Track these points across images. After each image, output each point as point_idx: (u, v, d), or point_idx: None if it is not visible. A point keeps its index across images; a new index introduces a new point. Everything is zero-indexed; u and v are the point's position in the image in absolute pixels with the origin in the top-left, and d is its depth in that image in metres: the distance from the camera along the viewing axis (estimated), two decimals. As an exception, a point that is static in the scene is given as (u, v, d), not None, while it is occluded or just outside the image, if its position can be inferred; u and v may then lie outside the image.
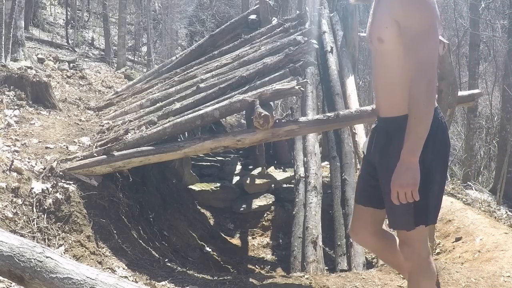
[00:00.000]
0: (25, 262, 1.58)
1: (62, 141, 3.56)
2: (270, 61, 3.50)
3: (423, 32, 1.63)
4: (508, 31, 11.76)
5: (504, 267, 2.85)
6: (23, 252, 1.60)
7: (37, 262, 1.59)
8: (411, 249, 1.78)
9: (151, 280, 2.42)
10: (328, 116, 2.84)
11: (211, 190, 5.07)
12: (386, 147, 1.77)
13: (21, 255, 1.59)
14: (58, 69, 8.54)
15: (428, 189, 1.68)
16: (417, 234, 1.75)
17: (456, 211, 4.06)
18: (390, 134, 1.76)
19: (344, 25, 5.49)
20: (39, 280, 1.58)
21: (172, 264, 2.81)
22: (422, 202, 1.67)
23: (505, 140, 10.88)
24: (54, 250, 2.38)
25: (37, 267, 1.59)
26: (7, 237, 1.64)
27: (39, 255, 1.61)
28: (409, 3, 1.63)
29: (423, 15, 1.63)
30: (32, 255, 1.60)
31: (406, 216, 1.73)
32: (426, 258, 1.80)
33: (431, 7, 1.63)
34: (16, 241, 1.63)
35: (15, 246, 1.60)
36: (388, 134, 1.77)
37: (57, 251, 2.37)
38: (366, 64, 14.75)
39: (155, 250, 2.96)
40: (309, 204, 3.71)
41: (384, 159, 1.77)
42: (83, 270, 1.61)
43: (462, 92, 2.76)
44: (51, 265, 1.60)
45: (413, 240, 1.77)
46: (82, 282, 1.57)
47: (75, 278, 1.58)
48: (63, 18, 16.56)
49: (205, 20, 17.84)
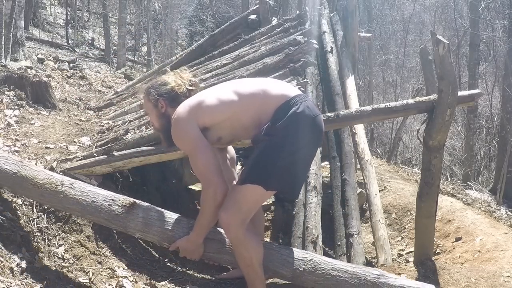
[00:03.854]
0: None
1: (62, 141, 3.56)
2: (270, 61, 3.50)
3: (190, 152, 2.09)
4: (508, 31, 11.77)
5: (504, 267, 2.85)
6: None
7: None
8: (232, 211, 2.02)
9: (151, 280, 2.42)
10: (328, 116, 2.83)
11: (211, 190, 5.05)
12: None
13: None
14: (58, 69, 8.54)
15: (276, 158, 1.99)
16: (249, 193, 2.03)
17: (456, 211, 4.06)
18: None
19: (344, 25, 5.49)
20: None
21: (172, 264, 2.80)
22: (268, 166, 2.00)
23: (505, 140, 10.88)
24: (55, 250, 2.38)
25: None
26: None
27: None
28: (173, 133, 2.10)
29: (184, 144, 2.11)
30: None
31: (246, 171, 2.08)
32: (240, 225, 2.04)
33: (187, 136, 2.06)
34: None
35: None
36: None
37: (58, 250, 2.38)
38: (366, 64, 14.76)
39: (155, 250, 2.95)
40: (309, 204, 3.71)
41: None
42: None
43: (462, 92, 2.75)
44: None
45: (241, 198, 2.03)
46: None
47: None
48: (63, 18, 16.56)
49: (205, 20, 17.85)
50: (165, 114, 2.22)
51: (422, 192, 2.81)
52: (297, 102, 2.04)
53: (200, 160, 2.04)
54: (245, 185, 2.03)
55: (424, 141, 2.72)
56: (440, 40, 2.53)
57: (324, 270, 2.15)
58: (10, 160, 2.32)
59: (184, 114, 2.06)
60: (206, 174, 2.04)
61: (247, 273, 2.17)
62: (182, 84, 2.25)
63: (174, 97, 2.20)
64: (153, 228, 2.23)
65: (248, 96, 2.08)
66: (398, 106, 2.74)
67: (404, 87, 15.31)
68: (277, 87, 2.12)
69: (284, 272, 2.18)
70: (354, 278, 2.12)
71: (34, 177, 2.27)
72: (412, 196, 4.40)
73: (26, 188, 2.28)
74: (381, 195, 4.29)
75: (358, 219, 3.63)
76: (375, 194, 3.83)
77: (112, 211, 2.23)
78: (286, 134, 2.00)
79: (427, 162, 2.74)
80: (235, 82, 2.27)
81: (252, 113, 2.07)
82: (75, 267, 2.34)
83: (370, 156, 4.27)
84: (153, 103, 2.23)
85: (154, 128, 2.43)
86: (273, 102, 2.05)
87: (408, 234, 4.16)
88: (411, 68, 16.26)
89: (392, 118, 9.69)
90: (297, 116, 2.01)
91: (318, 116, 2.12)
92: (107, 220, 2.25)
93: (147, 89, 2.29)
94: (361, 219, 4.05)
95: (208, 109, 2.06)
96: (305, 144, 2.06)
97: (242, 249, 2.09)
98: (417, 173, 6.90)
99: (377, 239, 3.47)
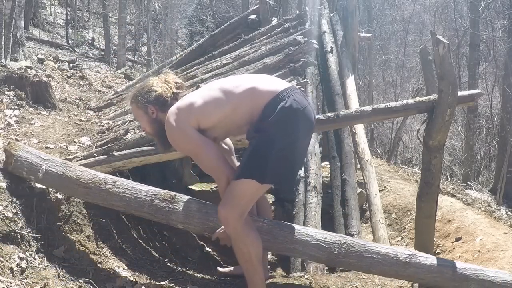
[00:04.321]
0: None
1: (62, 141, 3.57)
2: (270, 61, 3.50)
3: (192, 151, 2.18)
4: (508, 31, 11.77)
5: (504, 267, 2.85)
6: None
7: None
8: (229, 205, 2.07)
9: (151, 280, 2.42)
10: (328, 116, 2.83)
11: (211, 190, 5.04)
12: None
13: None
14: (58, 69, 8.54)
15: (268, 153, 2.04)
16: (244, 187, 2.06)
17: (456, 211, 4.06)
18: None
19: (344, 25, 5.49)
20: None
21: (172, 264, 2.81)
22: (261, 161, 2.05)
23: (505, 140, 10.88)
24: (55, 250, 2.38)
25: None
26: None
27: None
28: (170, 139, 2.16)
29: (185, 147, 2.19)
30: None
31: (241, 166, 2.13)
32: (238, 218, 2.08)
33: (185, 139, 2.12)
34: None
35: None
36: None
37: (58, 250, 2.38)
38: (366, 64, 14.76)
39: (155, 250, 2.96)
40: (309, 204, 3.71)
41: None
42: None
43: (462, 92, 2.75)
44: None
45: (238, 193, 2.06)
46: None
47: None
48: (63, 18, 16.56)
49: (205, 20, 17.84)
50: (157, 119, 2.25)
51: (422, 192, 2.81)
52: (284, 97, 2.08)
53: (206, 157, 2.12)
54: (240, 180, 2.07)
55: (424, 141, 2.72)
56: (440, 40, 2.53)
57: (358, 252, 2.26)
58: (54, 163, 2.43)
59: (177, 118, 2.10)
60: (216, 168, 2.13)
61: (246, 269, 2.19)
62: (169, 88, 2.27)
63: (163, 102, 2.23)
64: (194, 220, 2.32)
65: (237, 95, 2.11)
66: (398, 106, 2.74)
67: (404, 87, 15.30)
68: (265, 83, 2.15)
69: (319, 256, 2.30)
70: (387, 258, 2.25)
71: (79, 177, 2.39)
72: (412, 196, 4.40)
73: (71, 188, 2.41)
74: (381, 195, 4.29)
75: (358, 219, 3.64)
76: (375, 194, 3.84)
77: (154, 205, 2.33)
78: (276, 129, 2.04)
79: (427, 162, 2.74)
80: (224, 80, 2.28)
81: (243, 112, 2.11)
82: (75, 267, 2.34)
83: (370, 156, 4.28)
84: (143, 110, 2.26)
85: (146, 133, 2.46)
86: (262, 99, 2.09)
87: (408, 234, 4.16)
88: (411, 68, 16.26)
89: (392, 118, 9.68)
90: (285, 111, 2.05)
91: (307, 107, 2.14)
92: (150, 214, 2.35)
93: (134, 97, 2.30)
94: (361, 219, 4.05)
95: (199, 112, 2.10)
96: (296, 137, 2.11)
97: (240, 243, 2.12)
98: (417, 173, 6.90)
99: (377, 239, 3.47)
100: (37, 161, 2.41)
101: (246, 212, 2.12)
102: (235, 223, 2.08)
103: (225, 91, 2.12)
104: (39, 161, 2.41)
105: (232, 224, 2.08)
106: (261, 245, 2.17)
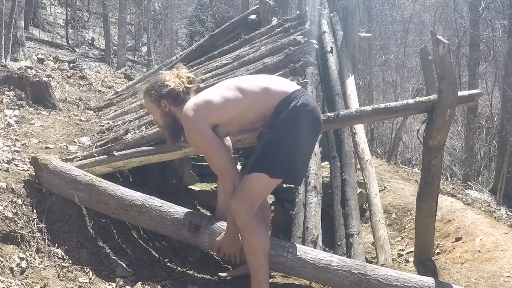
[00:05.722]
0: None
1: (62, 141, 3.57)
2: (270, 61, 3.50)
3: (206, 150, 2.28)
4: (508, 31, 11.76)
5: (504, 267, 2.85)
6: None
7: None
8: (241, 197, 2.16)
9: (151, 280, 2.42)
10: (328, 116, 2.83)
11: (211, 190, 5.04)
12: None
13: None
14: (58, 69, 8.54)
15: (278, 148, 2.16)
16: (255, 181, 2.17)
17: (456, 211, 4.06)
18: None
19: (344, 25, 5.48)
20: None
21: (172, 264, 2.80)
22: (271, 156, 2.16)
23: (505, 140, 10.88)
24: (55, 250, 2.38)
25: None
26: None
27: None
28: (187, 134, 2.25)
29: (199, 143, 2.26)
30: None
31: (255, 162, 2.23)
32: (248, 210, 2.17)
33: (201, 135, 2.20)
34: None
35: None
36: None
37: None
38: (366, 64, 14.75)
39: (155, 250, 2.95)
40: (309, 204, 3.71)
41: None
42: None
43: (462, 92, 2.75)
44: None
45: (249, 186, 2.17)
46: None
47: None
48: (63, 18, 16.57)
49: (205, 20, 17.84)
50: (170, 113, 2.36)
51: (422, 192, 2.81)
52: (296, 97, 2.22)
53: (216, 157, 2.23)
54: (251, 174, 2.18)
55: (424, 141, 2.72)
56: (440, 40, 2.53)
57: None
58: (80, 185, 2.61)
59: (195, 115, 2.19)
60: (224, 169, 2.24)
61: (252, 262, 2.23)
62: (181, 83, 2.36)
63: (176, 96, 2.33)
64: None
65: (252, 94, 2.23)
66: (398, 106, 2.74)
67: (404, 87, 15.29)
68: (277, 84, 2.30)
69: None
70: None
71: (106, 202, 2.58)
72: (412, 196, 4.40)
73: (101, 209, 2.63)
74: (381, 195, 4.29)
75: (358, 219, 3.63)
76: (375, 194, 3.83)
77: (181, 235, 2.52)
78: (287, 126, 2.17)
79: (427, 162, 2.74)
80: (239, 79, 2.40)
81: (257, 110, 2.24)
82: (75, 267, 2.34)
83: (370, 156, 4.27)
84: (156, 103, 2.36)
85: (158, 126, 2.55)
86: (275, 97, 2.22)
87: (408, 234, 4.16)
88: (411, 68, 16.25)
89: (392, 118, 9.69)
90: (297, 109, 2.18)
91: (316, 108, 2.29)
92: (181, 240, 2.60)
93: (147, 90, 2.39)
94: (361, 219, 4.04)
95: (216, 109, 2.21)
96: (305, 134, 2.23)
97: (249, 234, 2.19)
98: (417, 173, 6.90)
99: (377, 239, 3.46)
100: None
101: (256, 205, 2.22)
102: (245, 214, 2.17)
103: (241, 90, 2.24)
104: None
105: (243, 215, 2.17)
106: (269, 242, 2.26)
